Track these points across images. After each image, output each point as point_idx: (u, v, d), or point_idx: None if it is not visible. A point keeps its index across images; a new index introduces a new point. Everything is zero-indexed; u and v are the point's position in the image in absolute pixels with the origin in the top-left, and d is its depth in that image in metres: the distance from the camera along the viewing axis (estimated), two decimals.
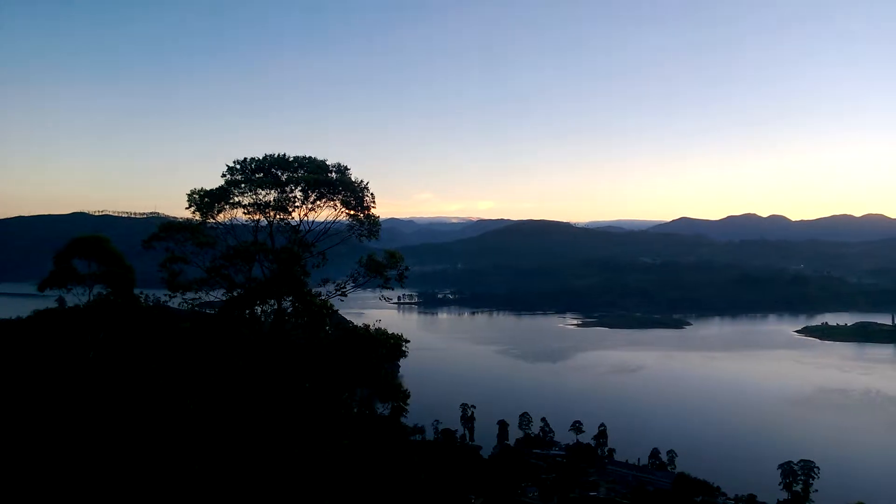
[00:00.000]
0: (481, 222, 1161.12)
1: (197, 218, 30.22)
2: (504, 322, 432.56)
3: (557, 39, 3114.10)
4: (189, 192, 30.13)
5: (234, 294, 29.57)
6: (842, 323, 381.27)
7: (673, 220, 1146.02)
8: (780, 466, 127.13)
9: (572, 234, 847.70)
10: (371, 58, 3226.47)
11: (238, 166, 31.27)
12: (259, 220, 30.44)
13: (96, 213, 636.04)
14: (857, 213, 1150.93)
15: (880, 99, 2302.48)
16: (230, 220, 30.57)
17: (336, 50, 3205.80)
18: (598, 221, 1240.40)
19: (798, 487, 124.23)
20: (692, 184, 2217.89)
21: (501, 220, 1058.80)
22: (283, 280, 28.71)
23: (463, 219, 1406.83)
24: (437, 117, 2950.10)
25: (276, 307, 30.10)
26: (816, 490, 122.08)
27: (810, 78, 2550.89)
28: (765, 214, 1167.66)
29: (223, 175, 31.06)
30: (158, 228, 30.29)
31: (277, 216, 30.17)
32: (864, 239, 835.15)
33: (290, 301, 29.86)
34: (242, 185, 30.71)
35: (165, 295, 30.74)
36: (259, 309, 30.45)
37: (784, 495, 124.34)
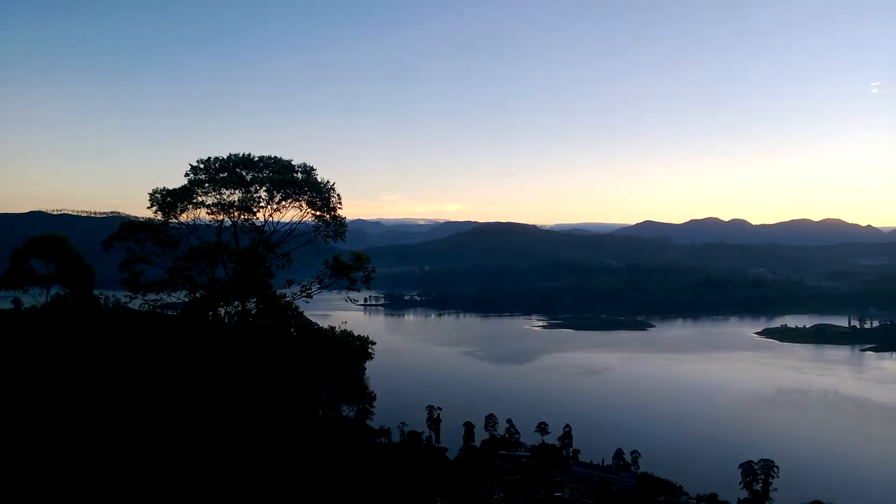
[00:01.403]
0: (449, 224, 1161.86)
1: (159, 218, 29.74)
2: (471, 324, 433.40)
3: (522, 44, 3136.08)
4: (151, 192, 29.65)
5: (197, 295, 29.12)
6: (800, 325, 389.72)
7: (637, 224, 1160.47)
8: (741, 466, 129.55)
9: (539, 237, 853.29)
10: (336, 59, 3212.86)
11: (202, 166, 30.82)
12: (223, 220, 30.03)
13: (54, 213, 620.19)
14: (816, 218, 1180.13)
15: (837, 108, 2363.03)
16: (193, 221, 30.12)
17: (300, 51, 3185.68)
18: (564, 224, 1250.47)
19: (758, 486, 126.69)
20: (656, 188, 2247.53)
21: (469, 222, 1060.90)
22: (248, 281, 28.36)
23: (430, 220, 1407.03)
24: (404, 119, 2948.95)
25: (240, 309, 29.72)
26: (776, 489, 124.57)
27: (770, 87, 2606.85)
28: (726, 219, 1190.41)
29: (186, 174, 30.61)
30: (119, 228, 29.73)
31: (242, 216, 29.80)
32: (822, 243, 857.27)
33: (254, 303, 29.52)
34: (206, 185, 30.28)
35: (126, 296, 30.19)
36: (223, 311, 30.03)
37: (745, 494, 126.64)
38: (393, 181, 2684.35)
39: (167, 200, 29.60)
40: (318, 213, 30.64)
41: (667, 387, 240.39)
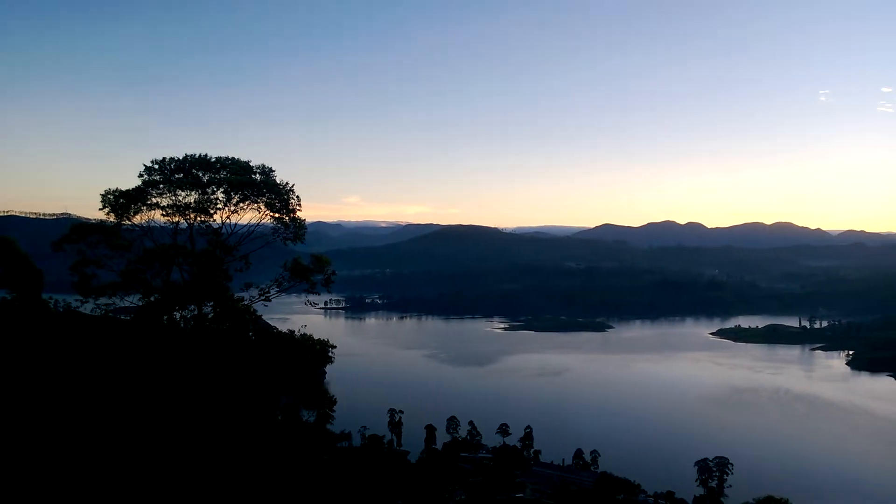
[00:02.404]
0: (410, 227, 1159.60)
1: (111, 220, 29.02)
2: (432, 326, 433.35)
3: (482, 47, 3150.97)
4: (103, 193, 28.93)
5: (151, 299, 28.46)
6: (754, 325, 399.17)
7: (596, 227, 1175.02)
8: (697, 463, 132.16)
9: (500, 239, 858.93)
10: (294, 61, 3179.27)
11: (156, 166, 30.16)
12: (178, 222, 29.43)
13: (1, 213, 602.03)
14: (768, 222, 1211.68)
15: (787, 115, 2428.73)
16: (147, 223, 29.46)
17: (256, 52, 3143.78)
18: (525, 227, 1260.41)
19: (713, 483, 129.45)
20: (615, 191, 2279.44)
21: (430, 224, 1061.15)
22: (204, 284, 27.78)
23: (392, 223, 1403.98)
24: (364, 121, 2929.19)
25: (196, 313, 29.11)
26: (730, 485, 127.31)
27: (721, 96, 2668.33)
28: (682, 222, 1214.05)
29: (140, 175, 29.92)
30: (70, 230, 28.91)
31: (198, 218, 29.24)
32: (774, 245, 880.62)
33: (211, 306, 28.94)
34: (161, 186, 29.66)
35: (77, 300, 29.31)
36: (178, 315, 29.37)
37: (700, 491, 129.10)
38: (353, 183, 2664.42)
39: (120, 202, 28.93)
40: (276, 214, 30.23)
41: (625, 387, 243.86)
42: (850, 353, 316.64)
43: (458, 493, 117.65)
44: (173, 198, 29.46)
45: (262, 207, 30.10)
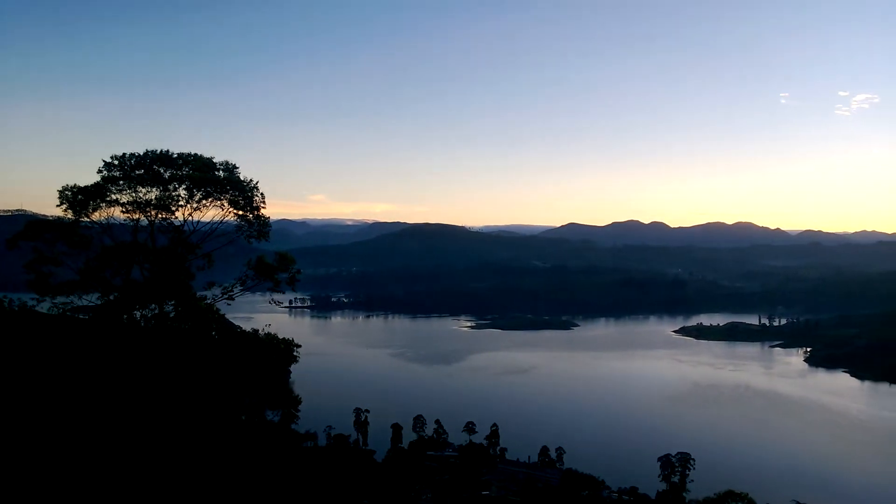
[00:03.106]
0: (377, 225, 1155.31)
1: (69, 216, 28.29)
2: (399, 325, 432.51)
3: (447, 44, 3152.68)
4: (60, 189, 28.17)
5: (111, 298, 27.84)
6: (715, 323, 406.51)
7: (562, 226, 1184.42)
8: (660, 459, 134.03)
9: (467, 238, 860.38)
10: (258, 56, 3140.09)
11: (116, 162, 29.44)
12: (139, 219, 28.80)
13: None
14: (729, 222, 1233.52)
15: (747, 117, 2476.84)
16: (106, 220, 28.78)
17: (218, 47, 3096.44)
18: (492, 225, 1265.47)
19: (676, 478, 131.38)
20: (580, 191, 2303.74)
21: (397, 222, 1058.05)
22: (165, 283, 27.27)
23: (358, 221, 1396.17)
24: (330, 117, 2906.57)
25: (157, 312, 28.55)
26: (692, 480, 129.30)
27: (684, 97, 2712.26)
28: (646, 221, 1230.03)
29: (99, 171, 29.20)
30: (25, 227, 28.13)
31: (159, 215, 28.65)
32: (734, 245, 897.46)
33: (172, 305, 28.42)
34: (121, 182, 28.99)
35: (33, 299, 28.54)
36: (138, 314, 28.78)
37: (663, 486, 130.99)
38: (319, 181, 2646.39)
39: (78, 198, 28.19)
40: (240, 212, 29.73)
41: (590, 384, 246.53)
42: (808, 350, 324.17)
43: (424, 491, 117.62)
44: (133, 194, 28.81)
45: (226, 205, 29.60)
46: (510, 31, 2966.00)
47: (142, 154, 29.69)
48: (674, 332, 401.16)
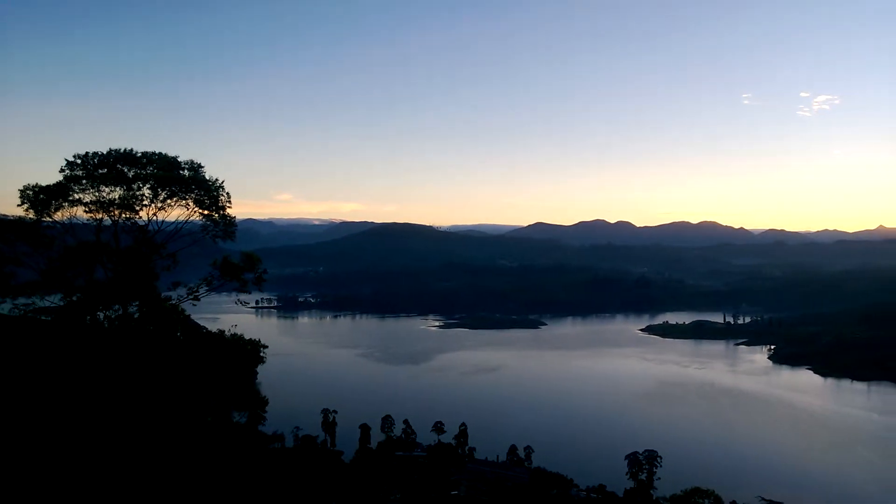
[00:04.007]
0: (344, 224, 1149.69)
1: (31, 216, 27.76)
2: (367, 325, 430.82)
3: (413, 44, 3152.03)
4: (22, 188, 27.65)
5: (74, 299, 27.38)
6: (681, 321, 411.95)
7: (529, 225, 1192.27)
8: (627, 457, 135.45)
9: (435, 238, 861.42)
10: (223, 55, 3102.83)
11: (79, 161, 28.97)
12: (102, 219, 28.35)
13: None
14: (694, 221, 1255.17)
15: (711, 118, 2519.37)
16: (69, 219, 28.29)
17: (183, 45, 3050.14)
18: (460, 225, 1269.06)
19: (643, 476, 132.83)
20: (547, 191, 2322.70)
21: (365, 222, 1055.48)
22: (129, 283, 26.89)
23: (325, 220, 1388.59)
24: (296, 116, 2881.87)
25: (121, 313, 28.14)
26: (659, 478, 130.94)
27: (648, 98, 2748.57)
28: (612, 221, 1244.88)
29: (61, 170, 28.71)
30: None
31: (123, 215, 28.22)
32: (699, 244, 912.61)
33: (136, 306, 28.03)
34: (84, 182, 28.51)
35: None
36: (102, 315, 28.33)
37: (630, 484, 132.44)
38: (286, 180, 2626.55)
39: (40, 197, 27.69)
40: (206, 212, 29.44)
41: (558, 383, 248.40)
42: (772, 347, 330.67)
43: (393, 492, 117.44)
44: (97, 194, 28.35)
45: (191, 204, 29.29)
46: (472, 34, 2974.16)
47: (105, 153, 29.25)
48: (640, 330, 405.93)
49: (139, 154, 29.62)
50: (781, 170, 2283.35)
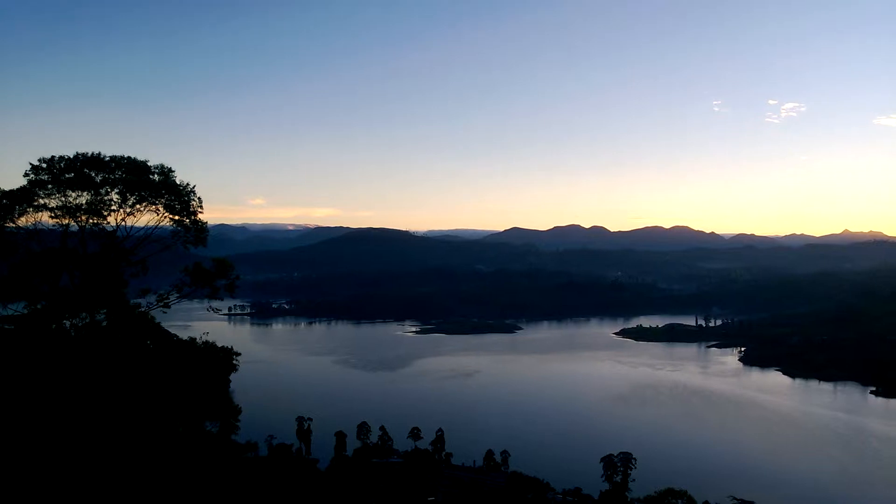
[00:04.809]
0: (319, 229, 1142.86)
1: None
2: (342, 331, 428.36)
3: (386, 47, 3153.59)
4: None
5: (38, 307, 26.60)
6: (654, 325, 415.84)
7: (505, 230, 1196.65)
8: (602, 459, 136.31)
9: (411, 243, 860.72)
10: (192, 57, 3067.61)
11: (44, 165, 28.11)
12: (69, 224, 27.60)
13: None
14: (666, 226, 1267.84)
15: (682, 124, 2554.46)
16: (33, 225, 27.46)
17: (152, 47, 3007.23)
18: (437, 230, 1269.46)
19: (618, 478, 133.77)
20: (523, 196, 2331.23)
21: (340, 227, 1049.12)
22: (96, 290, 26.19)
23: (300, 226, 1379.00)
24: (269, 120, 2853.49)
25: (88, 321, 27.40)
26: (634, 479, 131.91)
27: (618, 106, 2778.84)
28: (587, 226, 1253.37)
29: (26, 174, 27.82)
30: None
31: (90, 221, 27.49)
32: (672, 248, 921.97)
33: (104, 314, 27.31)
34: (49, 186, 27.68)
35: None
36: (68, 323, 27.55)
37: (606, 486, 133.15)
38: (258, 184, 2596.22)
39: (3, 202, 26.87)
40: (176, 217, 28.80)
41: (534, 387, 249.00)
42: (742, 349, 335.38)
43: (369, 499, 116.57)
44: (63, 199, 27.58)
45: (161, 209, 28.60)
46: (446, 40, 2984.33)
47: (72, 157, 28.45)
48: (614, 333, 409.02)
49: (107, 158, 28.85)
50: (751, 175, 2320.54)
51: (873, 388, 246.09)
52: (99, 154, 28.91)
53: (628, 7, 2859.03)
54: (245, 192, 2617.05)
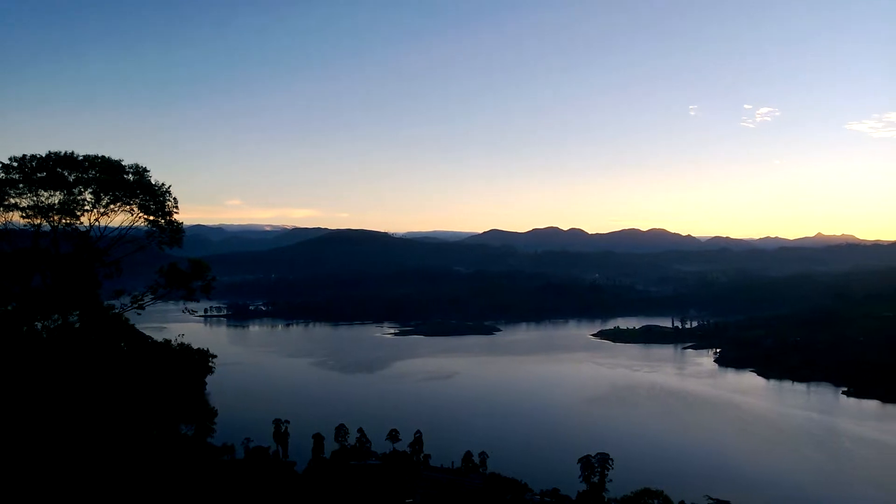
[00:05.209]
0: (297, 230, 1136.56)
1: None
2: (320, 333, 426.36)
3: (364, 46, 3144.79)
4: None
5: (9, 308, 26.15)
6: (631, 326, 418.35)
7: (484, 232, 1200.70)
8: (580, 460, 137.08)
9: (390, 244, 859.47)
10: (168, 53, 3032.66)
11: (15, 164, 27.64)
12: (40, 224, 27.16)
13: None
14: (644, 228, 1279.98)
15: (660, 128, 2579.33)
16: (4, 225, 27.03)
17: (123, 44, 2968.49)
18: (416, 232, 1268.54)
19: (595, 478, 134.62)
20: (502, 198, 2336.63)
21: (318, 228, 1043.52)
22: (69, 291, 25.79)
23: (277, 227, 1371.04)
24: (245, 119, 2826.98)
25: (60, 322, 26.96)
26: (611, 480, 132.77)
27: (597, 109, 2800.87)
28: (565, 228, 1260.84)
29: None
30: None
31: (63, 220, 27.08)
32: (649, 251, 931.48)
33: (77, 315, 26.89)
34: (20, 186, 27.23)
35: None
36: (39, 324, 27.10)
37: (583, 487, 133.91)
38: (235, 185, 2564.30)
39: None
40: (151, 217, 28.46)
41: (512, 388, 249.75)
42: (718, 350, 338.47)
43: (347, 501, 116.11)
44: (34, 198, 27.16)
45: (136, 210, 28.23)
46: (426, 42, 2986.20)
47: (44, 156, 28.01)
48: (592, 335, 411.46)
49: (80, 157, 28.43)
50: (726, 179, 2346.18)
51: (845, 389, 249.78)
52: (72, 153, 28.48)
53: (603, 15, 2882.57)
54: (222, 192, 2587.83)
